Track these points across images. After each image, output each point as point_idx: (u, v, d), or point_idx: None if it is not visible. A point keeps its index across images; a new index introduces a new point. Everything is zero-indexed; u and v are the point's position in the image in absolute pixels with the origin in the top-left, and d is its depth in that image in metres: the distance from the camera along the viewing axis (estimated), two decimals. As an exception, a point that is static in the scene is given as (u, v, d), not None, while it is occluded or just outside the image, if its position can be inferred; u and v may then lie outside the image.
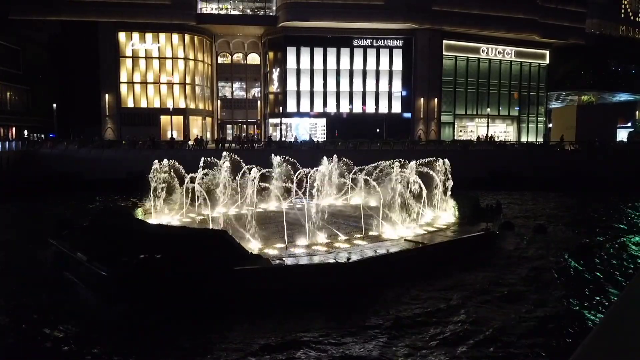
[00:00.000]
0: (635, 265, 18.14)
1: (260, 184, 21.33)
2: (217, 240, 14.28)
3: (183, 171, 21.69)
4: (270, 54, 58.22)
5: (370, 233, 18.25)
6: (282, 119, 57.93)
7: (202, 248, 13.91)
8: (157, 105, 55.66)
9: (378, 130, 54.81)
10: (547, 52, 63.57)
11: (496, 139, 56.48)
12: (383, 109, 57.46)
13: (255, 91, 62.46)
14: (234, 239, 14.59)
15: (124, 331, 11.99)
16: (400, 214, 19.11)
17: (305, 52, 56.13)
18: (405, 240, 17.32)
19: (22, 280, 15.38)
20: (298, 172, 22.81)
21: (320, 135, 55.93)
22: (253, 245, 15.82)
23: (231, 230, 16.34)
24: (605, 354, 1.60)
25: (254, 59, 61.30)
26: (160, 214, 21.36)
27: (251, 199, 21.99)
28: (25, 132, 52.36)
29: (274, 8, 55.50)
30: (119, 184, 37.34)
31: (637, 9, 74.53)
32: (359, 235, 17.81)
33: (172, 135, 53.01)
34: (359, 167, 24.34)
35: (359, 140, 46.42)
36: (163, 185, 21.39)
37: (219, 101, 62.10)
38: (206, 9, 55.68)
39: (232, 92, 62.43)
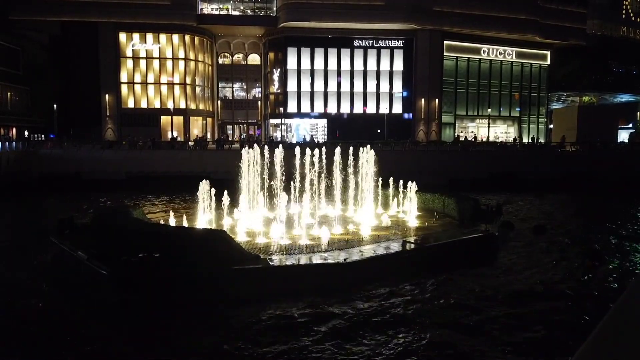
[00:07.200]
0: (636, 266, 18.06)
1: None
2: (216, 240, 14.24)
3: None
4: (271, 55, 58.21)
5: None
6: (283, 119, 57.91)
7: (201, 247, 13.88)
8: (157, 105, 55.64)
9: (379, 130, 54.74)
10: (548, 53, 63.52)
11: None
12: (384, 109, 57.41)
13: (256, 92, 62.41)
14: (232, 239, 14.57)
15: (123, 329, 11.93)
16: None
17: (305, 53, 56.11)
18: (404, 240, 17.29)
19: (23, 280, 15.33)
20: None
21: (320, 136, 55.88)
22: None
23: None
24: (607, 355, 1.59)
25: (254, 59, 61.25)
26: None
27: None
28: (26, 133, 52.31)
29: (275, 9, 55.50)
30: (118, 185, 37.46)
31: (638, 10, 74.39)
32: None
33: (172, 135, 52.95)
34: None
35: (359, 141, 46.20)
36: None
37: (219, 102, 62.08)
38: (207, 9, 55.68)
39: (233, 93, 62.40)
